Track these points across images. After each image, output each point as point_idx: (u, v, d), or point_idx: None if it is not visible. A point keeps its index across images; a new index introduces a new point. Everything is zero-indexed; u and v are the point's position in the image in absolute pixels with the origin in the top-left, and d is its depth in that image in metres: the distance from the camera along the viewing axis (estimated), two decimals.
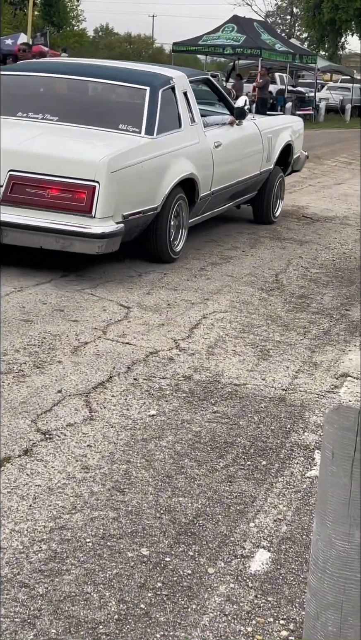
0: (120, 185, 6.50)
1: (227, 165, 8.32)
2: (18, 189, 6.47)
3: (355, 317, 6.27)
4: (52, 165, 6.47)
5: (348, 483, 1.99)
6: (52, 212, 6.39)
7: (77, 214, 6.35)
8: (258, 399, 4.54)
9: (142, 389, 4.54)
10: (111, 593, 2.78)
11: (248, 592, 2.85)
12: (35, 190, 6.44)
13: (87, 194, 6.32)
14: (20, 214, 6.44)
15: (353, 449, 1.98)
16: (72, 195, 6.36)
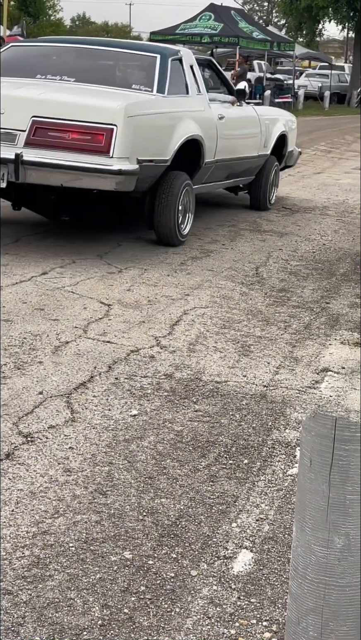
0: (135, 131, 7.02)
1: (229, 139, 8.79)
2: (40, 133, 6.98)
3: (335, 310, 6.30)
4: (72, 111, 7.00)
5: (326, 490, 2.00)
6: (73, 152, 6.87)
7: (96, 154, 6.84)
8: (240, 396, 4.55)
9: (124, 388, 4.55)
10: (95, 598, 2.79)
11: (231, 594, 2.86)
12: (57, 133, 6.95)
13: (106, 136, 6.83)
14: (43, 155, 6.93)
15: (331, 456, 1.99)
16: (91, 137, 6.87)
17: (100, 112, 6.97)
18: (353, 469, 1.97)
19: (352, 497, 1.99)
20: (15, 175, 6.99)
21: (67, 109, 7.03)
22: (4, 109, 7.07)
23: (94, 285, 6.48)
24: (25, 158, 6.92)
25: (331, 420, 1.98)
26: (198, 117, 8.11)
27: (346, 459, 1.97)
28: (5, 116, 7.06)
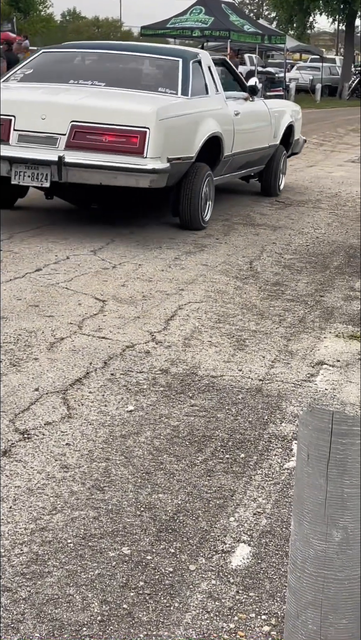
0: (165, 132, 7.67)
1: (244, 133, 9.46)
2: (79, 136, 7.63)
3: (330, 303, 6.31)
4: (108, 116, 7.67)
5: (323, 484, 2.01)
6: (109, 154, 7.53)
7: (131, 155, 7.52)
8: (235, 390, 4.56)
9: (120, 384, 4.55)
10: (93, 594, 2.80)
11: (229, 588, 2.87)
12: (94, 136, 7.61)
13: (140, 138, 7.50)
14: (82, 156, 7.58)
15: (328, 450, 1.99)
16: (126, 140, 7.54)
17: (133, 116, 7.63)
18: (350, 463, 1.98)
19: (350, 491, 1.99)
20: (59, 176, 7.63)
21: (103, 114, 7.69)
22: (44, 115, 7.71)
23: (88, 281, 6.47)
24: (66, 160, 7.55)
25: (328, 414, 1.99)
26: (217, 115, 8.76)
27: (344, 452, 1.98)
28: (46, 121, 7.71)
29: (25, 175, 7.77)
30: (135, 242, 7.93)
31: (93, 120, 7.65)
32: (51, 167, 7.63)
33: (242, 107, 9.64)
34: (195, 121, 8.28)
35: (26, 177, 7.78)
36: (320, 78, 43.15)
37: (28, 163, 7.71)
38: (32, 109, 7.81)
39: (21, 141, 7.76)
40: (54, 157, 7.58)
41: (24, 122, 7.76)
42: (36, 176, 7.75)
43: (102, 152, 7.55)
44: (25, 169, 7.74)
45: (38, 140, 7.72)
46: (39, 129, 7.72)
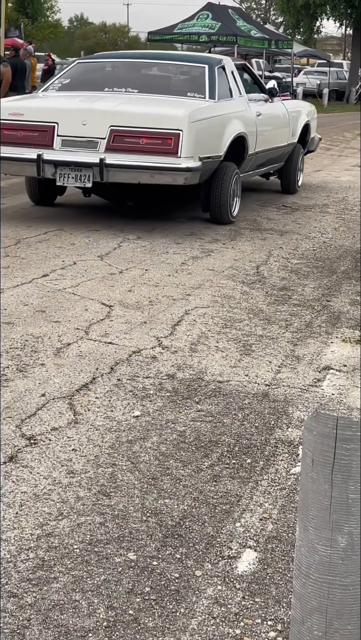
0: (197, 134, 8.32)
1: (265, 133, 10.13)
2: (118, 140, 8.29)
3: (336, 308, 6.30)
4: (144, 120, 8.34)
5: (328, 489, 2.01)
6: (146, 154, 8.18)
7: (166, 155, 8.16)
8: (242, 395, 4.56)
9: (126, 389, 4.55)
10: (100, 600, 2.80)
11: (235, 594, 2.87)
12: (132, 139, 8.25)
13: (174, 139, 8.15)
14: (121, 158, 8.23)
15: (333, 456, 1.99)
16: (161, 141, 8.19)
17: (168, 119, 8.30)
18: (355, 469, 1.97)
19: (354, 497, 1.99)
20: (100, 177, 8.30)
21: (139, 118, 8.37)
22: (85, 121, 8.39)
23: (95, 286, 6.48)
24: (107, 161, 8.22)
25: (332, 419, 1.98)
26: (241, 117, 9.43)
27: (348, 458, 1.97)
28: (87, 127, 8.38)
29: (69, 177, 8.45)
30: (142, 247, 7.94)
31: (130, 124, 8.32)
32: (93, 169, 8.29)
33: (263, 109, 10.30)
34: (222, 123, 8.92)
35: (70, 178, 8.46)
36: (327, 83, 43.16)
37: (72, 166, 8.37)
38: (74, 116, 8.49)
39: (64, 146, 8.42)
40: (95, 159, 8.25)
41: (67, 128, 8.43)
42: (79, 177, 8.43)
43: (139, 154, 8.19)
44: (69, 171, 8.41)
45: (80, 144, 8.39)
46: (80, 134, 8.38)
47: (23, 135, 8.53)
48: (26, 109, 8.80)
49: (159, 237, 8.45)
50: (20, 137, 8.53)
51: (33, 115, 8.64)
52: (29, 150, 8.44)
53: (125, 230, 8.69)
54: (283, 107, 11.15)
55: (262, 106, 10.36)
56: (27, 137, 8.51)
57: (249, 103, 9.95)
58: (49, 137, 8.43)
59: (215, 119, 8.83)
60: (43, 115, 8.61)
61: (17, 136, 8.55)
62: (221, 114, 8.99)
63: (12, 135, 8.55)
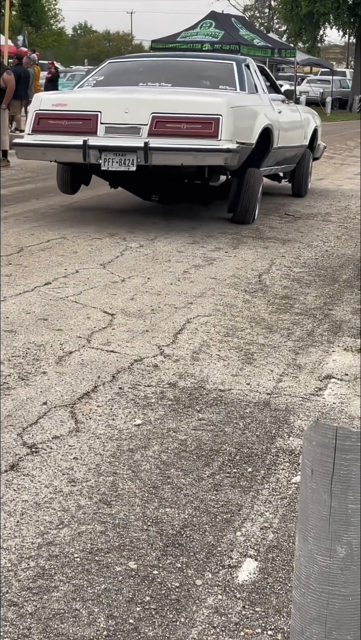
0: (234, 119, 8.84)
1: (285, 130, 10.69)
2: (160, 125, 8.73)
3: (338, 316, 6.30)
4: (184, 106, 8.84)
5: (328, 499, 2.01)
6: (187, 138, 8.65)
7: (207, 138, 8.64)
8: (243, 404, 4.56)
9: (128, 397, 4.56)
10: (100, 609, 2.80)
11: (236, 603, 2.87)
12: (174, 124, 8.72)
13: (214, 124, 8.65)
14: (164, 142, 8.67)
15: (332, 466, 2.00)
16: (202, 126, 8.67)
17: (207, 105, 8.82)
18: (354, 479, 1.97)
19: (354, 507, 1.99)
20: (145, 159, 8.66)
21: (181, 105, 8.88)
22: (127, 109, 8.83)
23: (97, 294, 6.49)
24: (151, 145, 8.63)
25: (332, 429, 1.99)
26: (267, 111, 10.07)
27: (348, 468, 1.98)
28: (130, 114, 8.81)
29: (114, 162, 8.81)
30: (144, 255, 7.95)
31: (172, 111, 8.80)
32: (137, 153, 8.67)
33: (282, 107, 11.00)
34: (254, 112, 9.61)
35: (114, 162, 8.81)
36: (330, 91, 43.24)
37: (116, 150, 8.76)
38: (116, 105, 8.96)
39: (108, 132, 8.85)
40: (140, 143, 8.66)
41: (109, 116, 8.87)
42: (123, 162, 8.78)
43: (181, 138, 8.65)
44: (114, 156, 8.78)
45: (123, 130, 8.81)
46: (123, 121, 8.82)
47: (67, 124, 8.95)
48: (70, 100, 9.32)
49: (162, 245, 8.46)
50: (65, 125, 8.94)
51: (77, 105, 9.12)
52: (74, 137, 8.86)
53: (128, 238, 8.71)
54: (297, 110, 11.95)
55: (281, 105, 11.04)
56: (72, 125, 8.93)
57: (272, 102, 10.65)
58: (93, 124, 8.85)
59: (248, 108, 9.53)
60: (86, 105, 9.09)
61: (62, 125, 8.95)
62: (252, 104, 9.75)
63: (57, 124, 8.97)
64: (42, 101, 9.27)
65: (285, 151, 10.97)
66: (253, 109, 9.66)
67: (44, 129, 9.04)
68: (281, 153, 10.81)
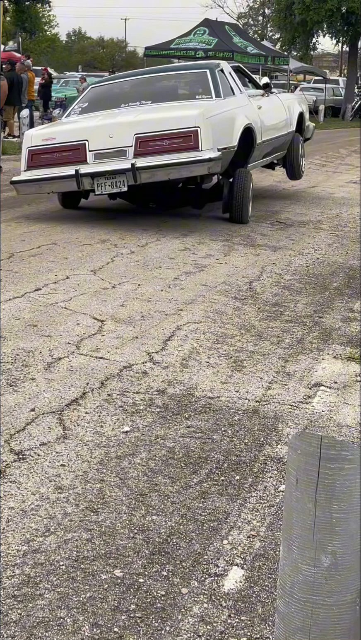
0: (212, 128, 9.19)
1: (267, 123, 11.19)
2: (143, 145, 9.16)
3: (328, 324, 6.30)
4: (163, 124, 9.22)
5: (312, 508, 2.00)
6: (171, 153, 9.07)
7: (189, 151, 9.04)
8: (232, 411, 4.55)
9: (116, 404, 4.55)
10: (85, 617, 2.78)
11: (221, 612, 2.86)
12: (156, 142, 9.14)
13: (194, 136, 9.05)
14: (149, 160, 9.12)
15: (317, 475, 1.99)
16: (182, 140, 9.08)
17: (185, 119, 9.21)
18: (338, 488, 1.97)
19: (338, 516, 1.98)
20: (134, 179, 9.15)
21: (160, 123, 9.26)
22: (112, 134, 9.30)
23: (87, 301, 6.48)
24: (138, 165, 9.08)
25: (317, 438, 1.98)
26: (246, 111, 10.48)
27: (332, 477, 1.97)
28: (114, 139, 9.26)
29: (106, 185, 9.35)
30: (135, 262, 7.95)
31: (153, 130, 9.21)
32: (126, 174, 9.16)
33: (262, 102, 11.45)
34: (231, 117, 9.94)
35: (107, 186, 9.35)
36: (323, 99, 43.31)
37: (107, 175, 9.26)
38: (101, 131, 9.41)
39: (97, 159, 9.33)
40: (127, 165, 9.13)
41: (96, 143, 9.33)
42: (115, 184, 9.31)
43: (165, 154, 9.11)
44: (105, 180, 9.30)
45: (110, 155, 9.31)
46: (109, 146, 9.29)
47: (58, 156, 9.44)
48: (57, 132, 9.84)
49: (152, 252, 8.46)
50: (56, 158, 9.45)
51: (65, 137, 9.60)
52: (66, 168, 9.36)
53: (119, 244, 8.70)
54: (279, 100, 12.45)
55: (260, 100, 11.53)
56: (63, 157, 9.41)
57: (250, 98, 11.09)
58: (82, 153, 9.34)
59: (225, 113, 9.85)
60: (74, 135, 9.54)
61: (54, 157, 9.46)
62: (229, 109, 10.05)
63: (49, 158, 9.49)
64: (32, 138, 9.73)
65: (271, 142, 11.52)
66: (231, 114, 10.01)
67: (37, 164, 9.54)
68: (268, 145, 11.35)
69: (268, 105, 11.63)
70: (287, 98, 13.27)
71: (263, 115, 11.07)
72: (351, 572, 2.04)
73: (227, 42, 32.15)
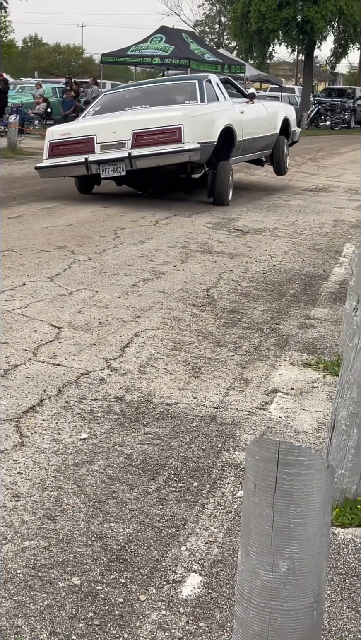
0: (193, 126, 11.81)
1: (249, 124, 13.69)
2: (139, 139, 11.79)
3: (285, 331, 6.34)
4: (155, 122, 11.90)
5: (270, 514, 2.01)
6: (159, 145, 11.68)
7: (173, 143, 11.67)
8: (190, 418, 4.56)
9: (74, 411, 4.53)
10: (42, 625, 2.77)
11: (180, 619, 2.86)
12: (149, 136, 11.75)
13: (178, 132, 11.67)
14: (143, 150, 11.74)
15: (274, 480, 2.00)
16: (169, 135, 11.69)
17: (171, 119, 11.88)
18: (296, 493, 1.98)
19: (296, 521, 2.00)
20: (131, 165, 11.81)
21: (152, 122, 11.93)
22: (114, 130, 11.94)
23: (44, 307, 6.46)
24: (133, 154, 11.74)
25: (274, 444, 1.99)
26: (228, 114, 13.00)
27: (290, 482, 1.98)
28: (116, 134, 11.91)
29: (109, 170, 11.99)
30: (93, 268, 7.93)
31: (146, 127, 11.82)
32: (125, 161, 11.81)
33: (245, 108, 13.98)
34: (212, 118, 12.48)
35: (110, 171, 12.00)
36: None
37: (109, 162, 11.92)
38: (106, 128, 12.12)
39: (103, 149, 11.98)
40: (125, 154, 11.78)
41: (102, 137, 12.01)
42: (116, 169, 11.95)
43: (155, 146, 11.69)
44: (108, 166, 11.95)
45: (113, 146, 11.93)
46: (112, 139, 11.94)
47: (72, 147, 12.13)
48: (72, 129, 12.59)
49: (110, 258, 8.45)
50: (71, 149, 12.14)
51: (77, 132, 12.34)
52: (78, 157, 12.05)
53: (76, 251, 8.68)
54: (263, 107, 14.85)
55: (245, 106, 14.03)
56: (75, 148, 12.10)
57: (234, 105, 13.55)
58: (90, 145, 12.01)
59: (206, 115, 12.44)
60: (84, 131, 12.25)
61: (69, 149, 12.16)
62: (210, 112, 12.64)
63: (65, 149, 12.19)
64: (53, 133, 12.55)
65: (254, 141, 14.00)
66: (212, 115, 12.54)
67: (56, 154, 12.26)
68: (250, 144, 13.81)
69: (250, 110, 14.10)
70: (272, 105, 15.71)
71: (244, 118, 13.52)
72: (309, 576, 2.05)
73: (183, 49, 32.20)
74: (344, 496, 3.61)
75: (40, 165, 12.66)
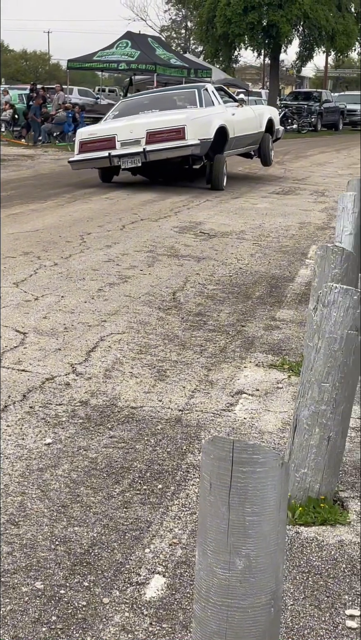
0: (194, 126, 14.68)
1: (239, 124, 16.48)
2: (151, 137, 14.62)
3: (251, 333, 6.36)
4: (164, 123, 14.76)
5: (226, 512, 2.02)
6: (167, 142, 14.55)
7: (179, 140, 14.52)
8: (155, 421, 4.57)
9: (38, 416, 4.52)
10: (5, 630, 2.76)
11: (143, 620, 2.86)
12: (159, 135, 14.60)
13: (182, 131, 14.50)
14: (154, 146, 14.60)
15: (229, 479, 2.01)
16: (175, 133, 14.53)
17: (177, 121, 14.77)
18: (251, 491, 1.99)
19: (251, 519, 2.01)
20: (145, 158, 14.67)
21: (162, 123, 14.80)
22: (132, 130, 14.78)
23: (9, 313, 6.43)
24: (147, 149, 14.62)
25: (229, 443, 2.00)
26: (222, 116, 15.85)
27: (245, 480, 1.99)
28: (133, 133, 14.73)
29: (128, 162, 14.91)
30: (58, 274, 7.92)
31: (158, 127, 14.69)
32: (140, 155, 14.73)
33: (236, 111, 16.87)
34: (209, 119, 15.32)
35: (128, 163, 14.94)
36: None
37: (128, 156, 14.82)
38: (125, 129, 14.99)
39: (122, 146, 14.85)
40: (140, 149, 14.70)
41: (122, 136, 14.89)
42: (133, 161, 14.84)
43: (164, 142, 14.56)
44: (127, 159, 14.87)
45: (130, 143, 14.80)
46: (130, 137, 14.81)
47: (98, 144, 15.05)
48: (97, 130, 15.69)
49: (76, 263, 8.44)
50: (97, 145, 15.05)
51: (102, 133, 15.31)
52: (102, 152, 14.95)
53: (42, 257, 8.66)
54: (251, 109, 18.15)
55: (235, 109, 16.93)
56: (101, 145, 15.02)
57: (227, 108, 16.52)
58: (113, 143, 14.92)
59: (205, 117, 15.35)
60: (107, 132, 15.21)
61: (95, 145, 15.07)
62: (208, 114, 15.56)
63: (92, 146, 15.12)
64: (82, 133, 15.70)
65: (244, 138, 16.89)
66: (210, 117, 15.42)
67: (85, 150, 15.23)
68: (240, 140, 16.67)
69: (240, 112, 17.03)
70: (259, 108, 19.88)
71: (235, 119, 16.41)
72: (266, 574, 2.06)
73: (149, 54, 32.20)
74: (307, 495, 3.63)
75: (73, 159, 15.70)
